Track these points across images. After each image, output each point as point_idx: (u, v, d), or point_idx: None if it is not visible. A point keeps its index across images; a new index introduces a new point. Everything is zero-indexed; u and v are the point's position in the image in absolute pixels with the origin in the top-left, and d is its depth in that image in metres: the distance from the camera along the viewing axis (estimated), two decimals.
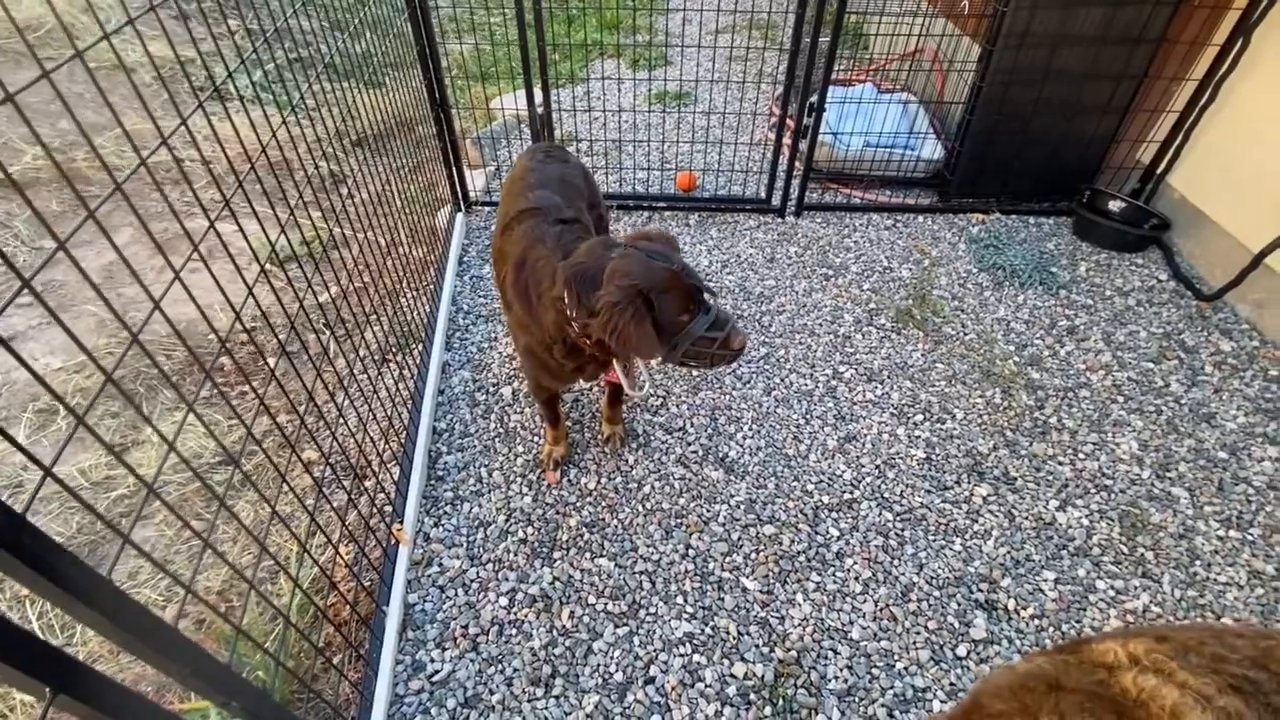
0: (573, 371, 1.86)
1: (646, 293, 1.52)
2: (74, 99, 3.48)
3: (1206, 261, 3.24)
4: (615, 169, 3.92)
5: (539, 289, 1.72)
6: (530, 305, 1.75)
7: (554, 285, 1.65)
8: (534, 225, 1.83)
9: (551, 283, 1.67)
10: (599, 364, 1.86)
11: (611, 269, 1.55)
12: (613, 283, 1.52)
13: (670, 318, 1.57)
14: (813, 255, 3.41)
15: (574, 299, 1.58)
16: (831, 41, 3.04)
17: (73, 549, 2.05)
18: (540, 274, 1.72)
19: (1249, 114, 3.03)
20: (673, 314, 1.57)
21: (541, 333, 1.75)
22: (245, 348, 2.67)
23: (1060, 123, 3.43)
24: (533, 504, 2.25)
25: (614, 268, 1.55)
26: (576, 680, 1.81)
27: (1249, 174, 2.99)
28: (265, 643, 1.81)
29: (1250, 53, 2.98)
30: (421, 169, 3.05)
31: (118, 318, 0.88)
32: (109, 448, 0.89)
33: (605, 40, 5.51)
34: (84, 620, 0.83)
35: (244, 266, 1.33)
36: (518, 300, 1.78)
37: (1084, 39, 3.15)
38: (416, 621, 1.93)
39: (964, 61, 3.75)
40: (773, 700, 1.78)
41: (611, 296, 1.50)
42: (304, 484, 2.27)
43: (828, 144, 3.76)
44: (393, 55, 2.69)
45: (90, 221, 0.86)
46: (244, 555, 2.07)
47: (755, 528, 2.18)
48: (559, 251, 1.72)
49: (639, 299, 1.51)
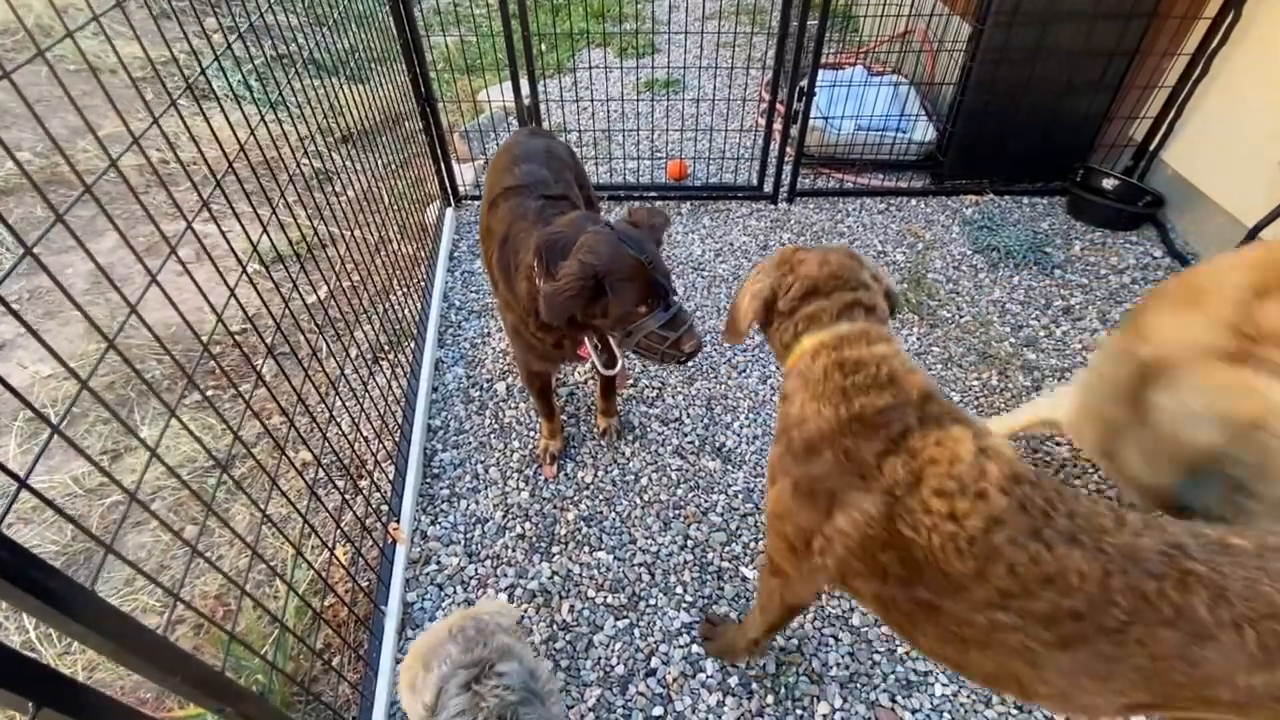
0: (552, 347, 1.84)
1: (602, 276, 1.50)
2: (56, 103, 3.44)
3: (1201, 237, 3.22)
4: (605, 159, 3.89)
5: (516, 260, 1.71)
6: (510, 278, 1.75)
7: (528, 254, 1.64)
8: (519, 201, 1.82)
9: (527, 251, 1.65)
10: (573, 339, 1.84)
11: (580, 242, 1.53)
12: (576, 256, 1.51)
13: (626, 306, 1.56)
14: (806, 241, 3.39)
15: (542, 267, 1.57)
16: (820, 25, 3.01)
17: (67, 558, 2.04)
18: (519, 245, 1.71)
19: (1242, 87, 3.00)
20: (629, 303, 1.55)
21: (518, 304, 1.74)
22: (234, 351, 2.65)
23: (1052, 101, 3.40)
24: (530, 499, 2.24)
25: (583, 241, 1.53)
26: (578, 674, 1.81)
27: (1243, 148, 2.97)
28: (264, 646, 1.81)
29: (1241, 25, 2.95)
30: (409, 164, 3.02)
31: (92, 325, 0.86)
32: (88, 458, 0.88)
33: (593, 29, 5.45)
34: (69, 633, 0.82)
35: (230, 269, 1.31)
36: (500, 275, 1.78)
37: (1075, 15, 3.11)
38: (415, 620, 1.93)
39: (954, 41, 3.71)
40: (775, 689, 1.78)
41: (570, 269, 1.48)
42: (298, 487, 2.26)
43: (819, 128, 3.72)
44: (377, 49, 2.66)
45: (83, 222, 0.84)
46: (241, 559, 2.06)
47: (753, 516, 2.17)
48: (540, 224, 1.71)
49: (590, 280, 1.49)
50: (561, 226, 1.63)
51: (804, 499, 1.25)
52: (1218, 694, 0.94)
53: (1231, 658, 0.91)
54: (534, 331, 1.75)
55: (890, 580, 1.15)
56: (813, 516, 1.24)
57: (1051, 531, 1.01)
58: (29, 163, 3.39)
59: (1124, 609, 0.95)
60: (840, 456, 1.18)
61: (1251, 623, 0.89)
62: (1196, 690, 0.95)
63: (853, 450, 1.17)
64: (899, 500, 1.10)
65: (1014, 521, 1.03)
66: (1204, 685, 0.94)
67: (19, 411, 2.37)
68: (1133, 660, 0.96)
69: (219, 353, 2.64)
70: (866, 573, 1.19)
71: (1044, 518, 1.03)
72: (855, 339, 1.28)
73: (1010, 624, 1.03)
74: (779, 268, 1.45)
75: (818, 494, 1.22)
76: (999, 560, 1.02)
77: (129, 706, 0.86)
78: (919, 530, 1.08)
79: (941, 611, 1.10)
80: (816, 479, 1.22)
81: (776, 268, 1.45)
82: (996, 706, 1.73)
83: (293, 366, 2.55)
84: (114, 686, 1.75)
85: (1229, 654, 0.91)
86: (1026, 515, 1.03)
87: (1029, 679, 1.07)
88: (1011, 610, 1.02)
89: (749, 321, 1.46)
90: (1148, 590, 0.94)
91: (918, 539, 1.08)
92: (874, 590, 1.21)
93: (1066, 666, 1.02)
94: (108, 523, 2.13)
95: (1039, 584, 0.99)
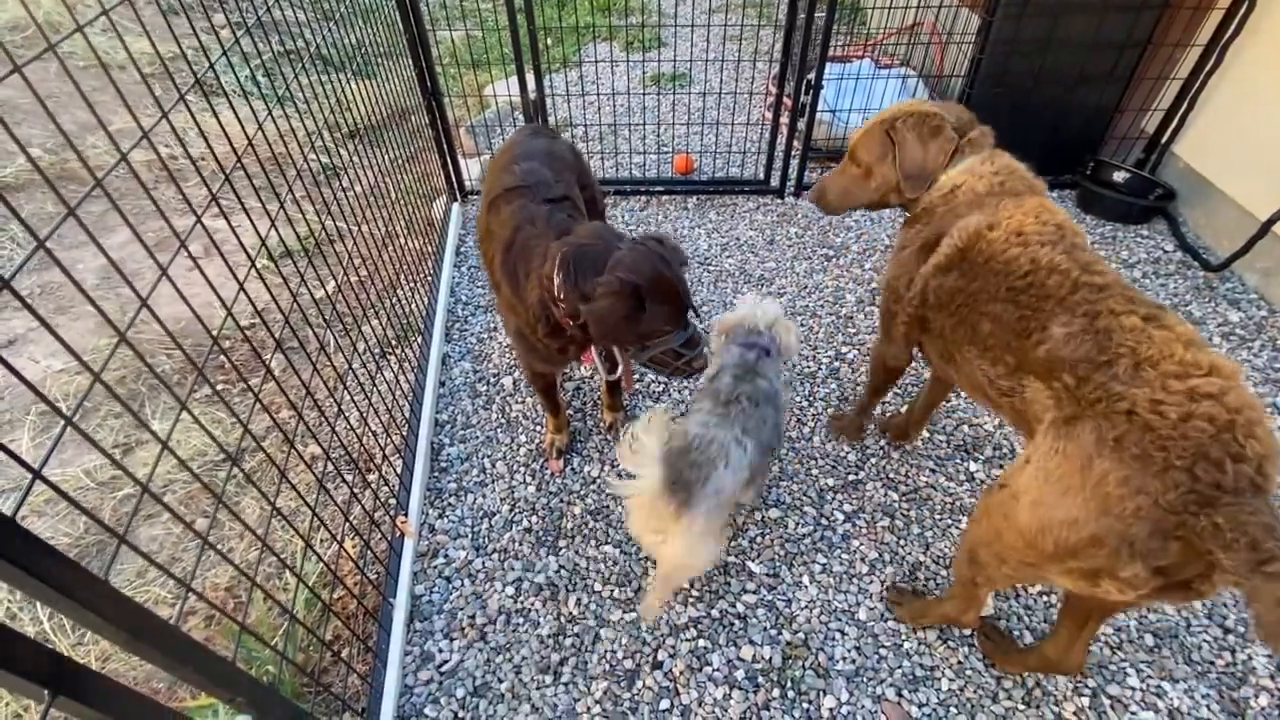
0: (557, 352, 1.84)
1: (644, 294, 1.51)
2: (66, 99, 3.46)
3: (1213, 231, 3.19)
4: (611, 153, 3.88)
5: (527, 267, 1.70)
6: (517, 284, 1.73)
7: (544, 263, 1.63)
8: (523, 205, 1.80)
9: (542, 260, 1.64)
10: (580, 345, 1.84)
11: (619, 258, 1.54)
12: (615, 273, 1.51)
13: (655, 325, 1.57)
14: (813, 236, 3.38)
15: (568, 278, 1.56)
16: (827, 17, 2.99)
17: (80, 549, 2.06)
18: (530, 252, 1.70)
19: (1255, 78, 2.96)
20: (659, 322, 1.57)
21: (525, 311, 1.74)
22: (244, 346, 2.67)
23: (1063, 93, 3.36)
24: (536, 493, 2.24)
25: (620, 258, 1.54)
26: (585, 667, 1.82)
27: (1257, 140, 2.93)
28: (275, 637, 1.82)
29: (1256, 14, 2.91)
30: (416, 159, 3.02)
31: (103, 317, 0.87)
32: (102, 450, 0.88)
33: (598, 23, 5.44)
34: (82, 622, 0.83)
35: (240, 264, 1.32)
36: (506, 280, 1.76)
37: (1086, 6, 3.08)
38: (424, 613, 1.94)
39: (963, 33, 3.68)
40: (781, 683, 1.78)
41: (611, 285, 1.49)
42: (308, 480, 2.28)
43: (826, 122, 3.70)
44: (384, 44, 2.66)
45: (95, 217, 0.85)
46: (251, 551, 2.07)
47: (760, 511, 2.18)
48: (552, 231, 1.70)
49: (634, 297, 1.50)
50: (585, 239, 1.60)
51: (922, 248, 1.71)
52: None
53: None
54: (541, 338, 1.75)
55: (943, 309, 1.63)
56: (918, 262, 1.71)
57: (1063, 259, 1.42)
58: (39, 159, 3.41)
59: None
60: (967, 209, 1.63)
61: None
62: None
63: (983, 203, 1.61)
64: (995, 222, 1.54)
65: (1047, 250, 1.44)
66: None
67: (31, 405, 2.40)
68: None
69: (229, 347, 2.66)
70: (935, 304, 1.66)
71: (1067, 256, 1.41)
72: (1008, 162, 1.70)
73: (995, 312, 1.47)
74: (924, 116, 1.75)
75: (936, 238, 1.66)
76: (1016, 266, 1.45)
77: (142, 695, 0.87)
78: (986, 241, 1.53)
79: (974, 313, 1.53)
80: (938, 229, 1.67)
81: (922, 116, 1.75)
82: (1003, 701, 1.73)
83: (301, 361, 2.57)
84: (127, 677, 1.77)
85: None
86: (1057, 250, 1.43)
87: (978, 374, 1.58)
88: (1001, 296, 1.46)
89: (942, 156, 1.73)
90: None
91: (982, 247, 1.53)
92: (937, 321, 1.68)
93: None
94: (120, 515, 2.15)
95: (1018, 284, 1.44)
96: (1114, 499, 1.12)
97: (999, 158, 1.69)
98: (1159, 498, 1.08)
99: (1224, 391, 1.12)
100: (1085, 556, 1.17)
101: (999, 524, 1.36)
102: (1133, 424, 1.14)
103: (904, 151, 1.75)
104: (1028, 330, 1.39)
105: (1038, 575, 1.33)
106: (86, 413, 2.44)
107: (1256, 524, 0.99)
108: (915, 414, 2.28)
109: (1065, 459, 1.21)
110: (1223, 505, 1.03)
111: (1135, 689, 1.75)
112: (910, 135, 1.73)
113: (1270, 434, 1.11)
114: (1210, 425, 1.08)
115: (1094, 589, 1.21)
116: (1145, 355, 1.20)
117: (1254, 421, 1.10)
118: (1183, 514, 1.06)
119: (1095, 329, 1.28)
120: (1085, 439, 1.19)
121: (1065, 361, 1.29)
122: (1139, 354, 1.21)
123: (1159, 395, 1.14)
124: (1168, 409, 1.12)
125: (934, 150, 1.72)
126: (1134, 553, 1.11)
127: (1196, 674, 1.78)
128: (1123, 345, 1.23)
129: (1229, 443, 1.07)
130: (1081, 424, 1.22)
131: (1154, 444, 1.10)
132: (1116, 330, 1.26)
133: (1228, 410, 1.10)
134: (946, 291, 1.62)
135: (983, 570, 1.48)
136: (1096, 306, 1.31)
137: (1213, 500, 1.04)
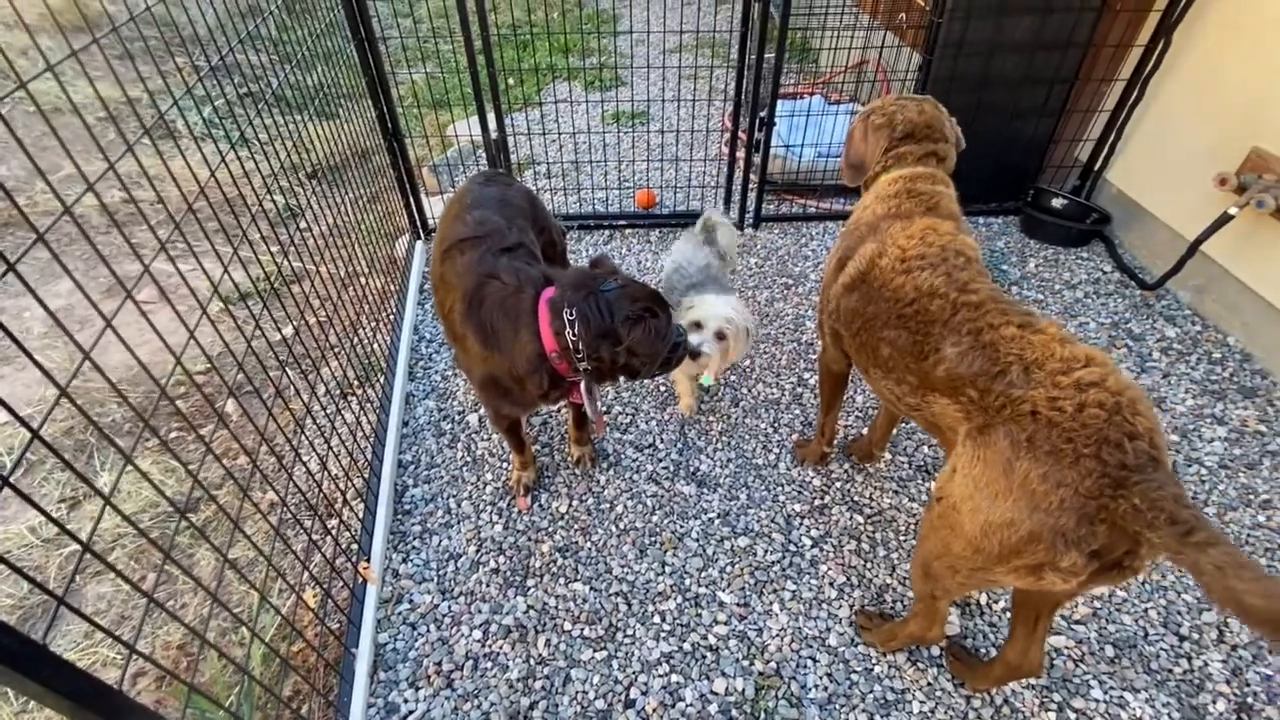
0: (540, 398, 1.85)
1: (660, 307, 1.75)
2: (12, 146, 3.39)
3: (1148, 251, 3.36)
4: (574, 190, 3.94)
5: (515, 324, 1.72)
6: (490, 339, 1.73)
7: (532, 319, 1.70)
8: (479, 256, 1.80)
9: (530, 317, 1.70)
10: (565, 391, 1.86)
11: (633, 294, 1.72)
12: (635, 304, 1.69)
13: (668, 328, 1.82)
14: (772, 265, 3.46)
15: (590, 331, 1.66)
16: (777, 57, 3.11)
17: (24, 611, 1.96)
18: (509, 308, 1.72)
19: (1175, 109, 3.17)
20: (668, 325, 1.82)
21: (512, 365, 1.74)
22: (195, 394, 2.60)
23: (1002, 126, 3.54)
24: (504, 532, 2.21)
25: (635, 293, 1.73)
26: (555, 710, 1.78)
27: (1179, 166, 3.12)
28: (230, 696, 1.75)
29: (1172, 52, 3.12)
30: (378, 199, 3.03)
31: (42, 371, 0.85)
32: (42, 510, 0.86)
33: (559, 64, 5.56)
34: (25, 692, 0.79)
35: (192, 309, 1.30)
36: (473, 334, 1.74)
37: (1017, 45, 3.27)
38: (388, 661, 1.88)
39: (907, 71, 3.86)
40: (754, 715, 1.77)
41: (637, 312, 1.69)
42: (264, 529, 2.21)
43: (780, 156, 3.83)
44: (344, 86, 2.68)
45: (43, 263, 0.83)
46: (204, 606, 2.00)
47: (730, 540, 2.18)
48: (528, 286, 1.74)
49: (658, 313, 1.74)
50: (579, 288, 1.70)
51: (837, 265, 1.80)
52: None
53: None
54: (535, 388, 1.78)
55: (849, 327, 1.72)
56: (834, 276, 1.80)
57: (945, 283, 1.51)
58: None
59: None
60: (868, 231, 1.73)
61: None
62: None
63: (879, 227, 1.71)
64: (883, 249, 1.63)
65: (927, 275, 1.53)
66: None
67: None
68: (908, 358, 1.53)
69: (182, 394, 2.59)
70: (845, 322, 1.74)
71: (946, 278, 1.51)
72: (925, 178, 1.76)
73: (891, 337, 1.57)
74: (881, 114, 1.86)
75: (846, 258, 1.76)
76: (902, 294, 1.55)
77: None
78: (878, 269, 1.63)
79: (873, 337, 1.62)
80: (848, 248, 1.77)
81: (879, 113, 1.86)
82: None
83: (258, 406, 2.51)
84: None
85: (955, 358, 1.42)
86: (937, 274, 1.52)
87: (887, 385, 1.65)
88: (892, 323, 1.56)
89: (876, 152, 1.84)
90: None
91: (875, 274, 1.63)
92: (847, 338, 1.76)
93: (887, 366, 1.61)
94: (66, 573, 2.06)
95: (906, 311, 1.53)
96: (1040, 495, 1.18)
97: (906, 176, 1.78)
98: (1078, 486, 1.15)
99: (1104, 378, 1.21)
100: (1027, 553, 1.23)
101: (945, 536, 1.41)
102: (1038, 423, 1.22)
103: (850, 142, 1.94)
104: (924, 353, 1.48)
105: (988, 579, 1.38)
106: (32, 466, 2.34)
107: (1167, 497, 1.06)
108: (876, 433, 2.33)
109: (988, 465, 1.28)
110: (1133, 485, 1.10)
111: (1099, 700, 1.78)
112: (859, 126, 1.93)
113: (1150, 408, 1.21)
114: (1102, 410, 1.17)
115: (1040, 583, 1.26)
116: (1031, 359, 1.30)
117: (1135, 399, 1.19)
118: (1101, 498, 1.13)
119: (982, 344, 1.37)
120: (1001, 444, 1.26)
121: (964, 378, 1.38)
122: (1025, 359, 1.30)
123: (1053, 393, 1.23)
124: (1063, 403, 1.21)
125: (872, 145, 1.87)
126: (1068, 542, 1.17)
127: (1156, 683, 1.82)
128: (1009, 354, 1.32)
129: (1121, 423, 1.16)
130: (994, 431, 1.29)
131: (1061, 438, 1.18)
132: (1000, 342, 1.35)
133: (1112, 394, 1.19)
134: (850, 312, 1.73)
135: (938, 583, 1.51)
136: (978, 323, 1.40)
137: (1123, 480, 1.11)
